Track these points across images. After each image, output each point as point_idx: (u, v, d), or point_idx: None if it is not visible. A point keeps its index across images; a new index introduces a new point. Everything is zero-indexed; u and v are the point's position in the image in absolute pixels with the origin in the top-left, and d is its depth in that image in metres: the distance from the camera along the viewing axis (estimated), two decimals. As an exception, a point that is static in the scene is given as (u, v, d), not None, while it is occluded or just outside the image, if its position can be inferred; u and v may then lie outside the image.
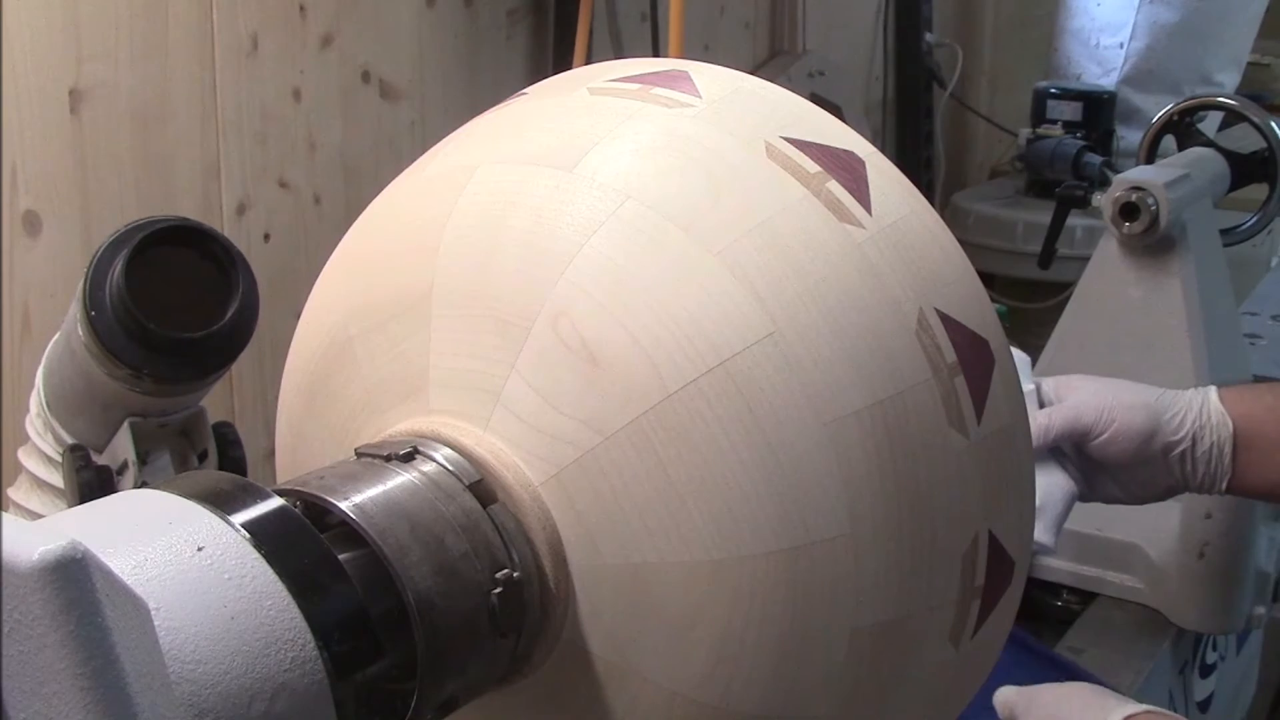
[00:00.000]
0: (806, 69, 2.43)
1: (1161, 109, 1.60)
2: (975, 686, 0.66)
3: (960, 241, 0.62)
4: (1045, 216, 1.95)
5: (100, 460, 0.94)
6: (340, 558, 0.50)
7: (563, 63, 1.83)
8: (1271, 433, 0.95)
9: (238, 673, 0.44)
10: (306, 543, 0.49)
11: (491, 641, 0.55)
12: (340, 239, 0.68)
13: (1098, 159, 2.06)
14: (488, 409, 0.58)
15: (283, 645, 0.45)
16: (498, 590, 0.55)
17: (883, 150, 0.63)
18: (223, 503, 0.49)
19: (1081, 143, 2.14)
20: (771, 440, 0.54)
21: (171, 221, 0.87)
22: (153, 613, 0.42)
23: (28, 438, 1.02)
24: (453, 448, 0.58)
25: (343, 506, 0.53)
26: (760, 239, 0.57)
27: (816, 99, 0.74)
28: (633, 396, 0.55)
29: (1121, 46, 2.67)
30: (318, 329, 0.66)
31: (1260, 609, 1.33)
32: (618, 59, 0.74)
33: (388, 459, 0.57)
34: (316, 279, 0.68)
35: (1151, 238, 1.28)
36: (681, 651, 0.57)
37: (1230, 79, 2.75)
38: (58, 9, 1.25)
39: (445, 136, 0.68)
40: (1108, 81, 2.66)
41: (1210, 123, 1.79)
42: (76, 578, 0.39)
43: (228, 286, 0.87)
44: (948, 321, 0.59)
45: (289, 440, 0.69)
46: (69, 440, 0.96)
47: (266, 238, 1.51)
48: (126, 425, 0.92)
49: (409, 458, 0.58)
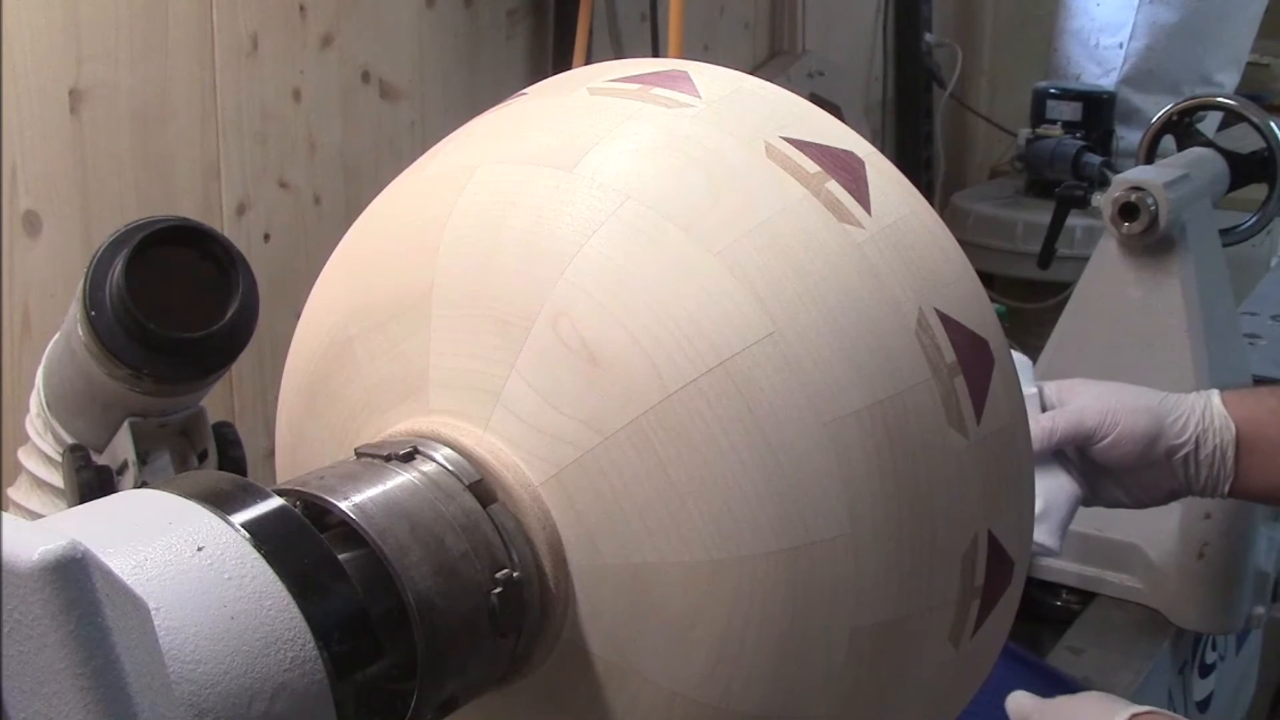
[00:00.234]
0: (806, 69, 2.43)
1: (1161, 109, 1.60)
2: (975, 686, 0.66)
3: (960, 241, 0.62)
4: (1045, 216, 1.95)
5: (100, 460, 0.94)
6: (340, 558, 0.50)
7: (563, 63, 1.83)
8: (1274, 435, 0.95)
9: (238, 672, 0.44)
10: (306, 543, 0.49)
11: (491, 641, 0.55)
12: (340, 239, 0.68)
13: (1097, 159, 2.06)
14: (488, 409, 0.58)
15: (283, 645, 0.45)
16: (498, 590, 0.55)
17: (882, 150, 0.63)
18: (223, 503, 0.49)
19: (1081, 143, 2.15)
20: (771, 440, 0.54)
21: (171, 221, 0.87)
22: (153, 613, 0.42)
23: (28, 438, 1.02)
24: (453, 448, 0.58)
25: (343, 506, 0.53)
26: (760, 239, 0.57)
27: (816, 99, 0.74)
28: (632, 396, 0.55)
29: (1121, 46, 2.67)
30: (318, 329, 0.66)
31: (1259, 609, 1.33)
32: (618, 59, 0.74)
33: (388, 459, 0.57)
34: (316, 279, 0.68)
35: (1151, 238, 1.27)
36: (681, 651, 0.57)
37: (1230, 79, 2.76)
38: (58, 9, 1.25)
39: (445, 136, 0.68)
40: (1107, 82, 2.67)
41: (1210, 123, 1.79)
42: (76, 578, 0.39)
43: (228, 286, 0.87)
44: (947, 321, 0.59)
45: (289, 440, 0.69)
46: (69, 440, 0.96)
47: (266, 238, 1.51)
48: (126, 425, 0.92)
49: (409, 458, 0.58)
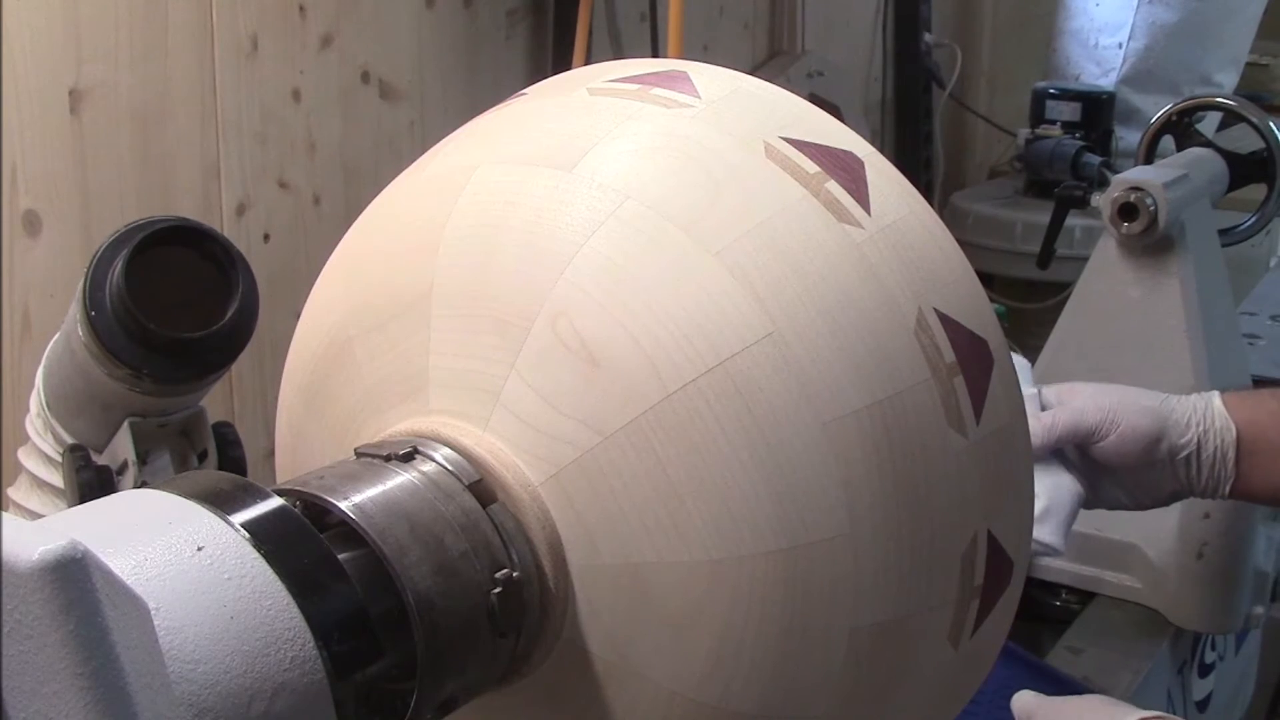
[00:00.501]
0: (805, 69, 2.43)
1: (1160, 109, 1.60)
2: (974, 686, 0.66)
3: (959, 242, 0.62)
4: (1044, 217, 1.95)
5: (100, 460, 0.94)
6: (340, 557, 0.50)
7: (562, 63, 1.84)
8: (1275, 438, 0.96)
9: (237, 672, 0.44)
10: (306, 543, 0.49)
11: (491, 641, 0.55)
12: (340, 239, 0.68)
13: (1096, 159, 2.06)
14: (487, 409, 0.58)
15: (282, 645, 0.45)
16: (497, 590, 0.55)
17: (882, 150, 0.63)
18: (223, 503, 0.49)
19: (1080, 143, 2.15)
20: (770, 440, 0.54)
21: (171, 221, 0.87)
22: (153, 612, 0.42)
23: (28, 438, 1.02)
24: (452, 448, 0.58)
25: (342, 506, 0.53)
26: (759, 239, 0.57)
27: (815, 99, 0.74)
28: (632, 396, 0.55)
29: (1120, 47, 2.67)
30: (318, 329, 0.66)
31: (1259, 608, 1.33)
32: (617, 59, 0.74)
33: (387, 459, 0.57)
34: (316, 279, 0.68)
35: (1150, 238, 1.27)
36: (681, 651, 0.57)
37: (1229, 79, 2.76)
38: (58, 9, 1.26)
39: (445, 136, 0.68)
40: (1106, 82, 2.67)
41: (1209, 123, 1.79)
42: (76, 578, 0.39)
43: (228, 286, 0.87)
44: (946, 321, 0.59)
45: (289, 440, 0.69)
46: (69, 440, 0.96)
47: (266, 238, 1.51)
48: (126, 425, 0.92)
49: (409, 458, 0.58)
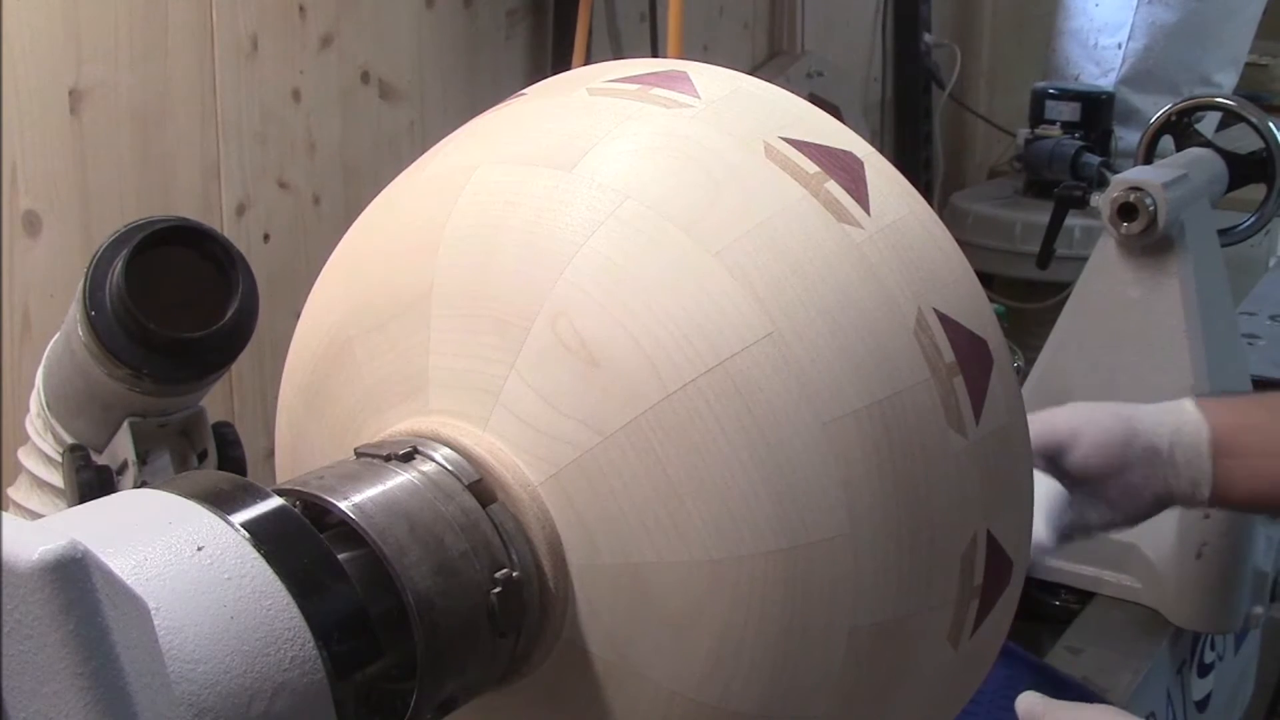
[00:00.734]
0: (805, 69, 2.44)
1: (1160, 109, 1.60)
2: (974, 686, 0.66)
3: (959, 242, 0.62)
4: (1044, 217, 1.95)
5: (100, 460, 0.94)
6: (340, 557, 0.50)
7: (562, 63, 1.84)
8: (1251, 441, 0.96)
9: (237, 672, 0.44)
10: (306, 542, 0.50)
11: (491, 641, 0.55)
12: (340, 239, 0.68)
13: (1096, 159, 2.06)
14: (487, 409, 0.58)
15: (282, 645, 0.45)
16: (497, 590, 0.55)
17: (881, 151, 0.63)
18: (222, 503, 0.49)
19: (1080, 143, 2.15)
20: (770, 440, 0.54)
21: (171, 221, 0.87)
22: (152, 612, 0.42)
23: (28, 438, 1.02)
24: (452, 447, 0.58)
25: (342, 506, 0.53)
26: (759, 239, 0.57)
27: (815, 99, 0.74)
28: (631, 396, 0.55)
29: (1120, 47, 2.67)
30: (318, 329, 0.66)
31: (1258, 608, 1.33)
32: (617, 59, 0.74)
33: (387, 459, 0.57)
34: (316, 279, 0.68)
35: (1150, 238, 1.27)
36: (681, 651, 0.57)
37: (1228, 79, 2.76)
38: (58, 9, 1.26)
39: (445, 136, 0.68)
40: (1106, 82, 2.67)
41: (1208, 123, 1.79)
42: (76, 578, 0.39)
43: (228, 286, 0.87)
44: (946, 321, 0.59)
45: (289, 440, 0.69)
46: (69, 440, 0.96)
47: (266, 238, 1.51)
48: (126, 425, 0.92)
49: (408, 457, 0.58)
